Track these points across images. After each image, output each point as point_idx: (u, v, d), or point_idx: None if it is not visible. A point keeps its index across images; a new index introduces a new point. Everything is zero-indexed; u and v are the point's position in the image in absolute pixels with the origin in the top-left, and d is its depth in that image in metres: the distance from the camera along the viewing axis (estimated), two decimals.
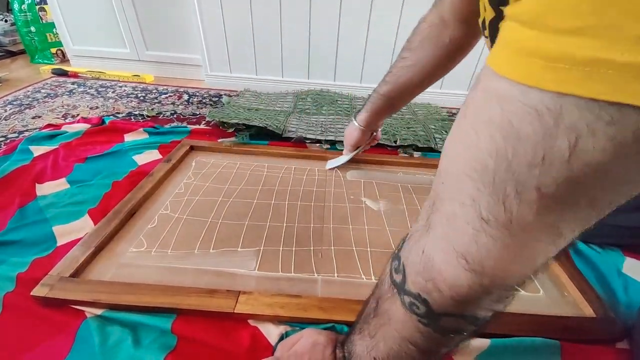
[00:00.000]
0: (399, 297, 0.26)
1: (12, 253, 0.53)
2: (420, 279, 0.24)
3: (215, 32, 1.31)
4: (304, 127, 1.00)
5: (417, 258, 0.24)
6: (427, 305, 0.24)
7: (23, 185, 0.68)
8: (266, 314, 0.45)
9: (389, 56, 1.31)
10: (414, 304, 0.25)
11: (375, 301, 0.29)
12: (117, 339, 0.42)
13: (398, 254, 0.27)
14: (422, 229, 0.25)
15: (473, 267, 0.21)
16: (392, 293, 0.27)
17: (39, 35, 1.53)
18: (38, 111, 1.07)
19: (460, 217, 0.21)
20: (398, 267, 0.26)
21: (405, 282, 0.25)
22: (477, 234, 0.20)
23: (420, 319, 0.25)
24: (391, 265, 0.28)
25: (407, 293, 0.25)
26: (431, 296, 0.23)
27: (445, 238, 0.22)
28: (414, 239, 0.26)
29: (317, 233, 0.63)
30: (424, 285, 0.24)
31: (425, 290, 0.23)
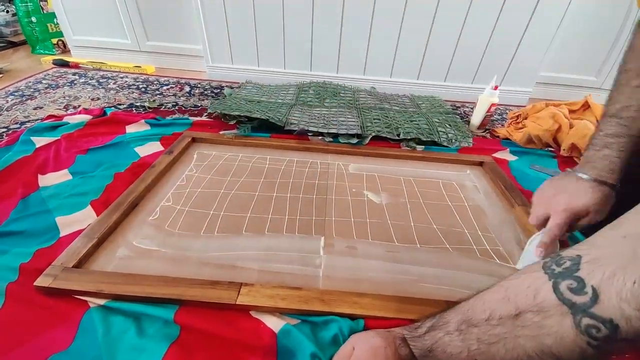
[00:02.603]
0: (572, 317, 0.26)
1: (15, 243, 0.53)
2: (625, 306, 0.24)
3: (217, 23, 1.29)
4: (306, 119, 0.99)
5: (624, 286, 0.24)
6: (616, 330, 0.24)
7: (25, 176, 0.68)
8: (267, 306, 0.45)
9: (392, 48, 1.30)
10: (594, 327, 0.25)
11: (515, 310, 0.29)
12: (121, 329, 0.42)
13: (574, 275, 0.27)
14: (627, 259, 0.25)
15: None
16: (562, 311, 0.27)
17: (40, 25, 1.52)
18: (39, 102, 1.07)
19: None
20: (579, 289, 0.26)
21: (595, 305, 0.25)
22: None
23: (592, 340, 0.25)
24: (555, 282, 0.28)
25: (592, 316, 0.25)
26: (628, 322, 0.24)
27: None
28: (613, 267, 0.26)
29: (318, 226, 0.62)
30: (627, 312, 0.24)
31: (626, 316, 0.24)
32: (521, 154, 0.94)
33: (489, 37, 1.25)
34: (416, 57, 1.32)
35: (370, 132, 0.94)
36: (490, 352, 0.30)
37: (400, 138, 0.94)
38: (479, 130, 1.07)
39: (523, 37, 1.24)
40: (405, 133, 0.95)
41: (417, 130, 0.97)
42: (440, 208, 0.70)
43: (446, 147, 0.94)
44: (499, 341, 0.29)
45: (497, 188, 0.77)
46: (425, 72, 1.35)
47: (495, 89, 1.00)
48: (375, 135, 0.94)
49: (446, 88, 1.37)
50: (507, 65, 1.31)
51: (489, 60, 1.30)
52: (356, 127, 0.96)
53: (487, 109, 1.03)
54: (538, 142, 0.98)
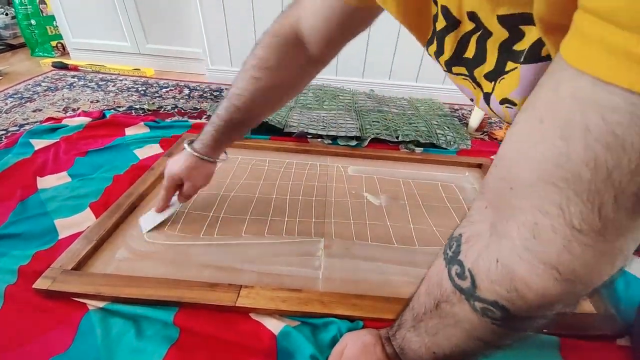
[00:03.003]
0: (469, 303, 0.26)
1: (14, 246, 0.53)
2: (498, 288, 0.24)
3: (217, 26, 1.30)
4: (305, 122, 0.99)
5: (490, 267, 0.24)
6: (506, 312, 0.24)
7: (24, 179, 0.68)
8: (267, 308, 0.45)
9: (391, 51, 1.30)
10: (488, 310, 0.25)
11: (434, 302, 0.29)
12: (120, 331, 0.42)
13: (457, 258, 0.27)
14: (487, 235, 0.25)
15: (566, 277, 0.21)
16: (459, 298, 0.27)
17: (39, 28, 1.52)
18: (39, 104, 1.07)
19: (546, 227, 0.20)
20: (462, 273, 0.26)
21: (476, 289, 0.25)
22: (569, 244, 0.20)
23: (495, 321, 0.25)
24: (448, 268, 0.28)
25: (479, 300, 0.25)
26: (513, 304, 0.23)
27: (529, 250, 0.21)
28: (479, 246, 0.26)
29: (318, 228, 0.63)
30: (504, 294, 0.23)
31: (506, 298, 0.23)
32: None
33: None
34: (415, 59, 1.32)
35: (369, 134, 0.94)
36: (437, 343, 0.30)
37: (399, 140, 0.94)
38: (477, 132, 1.08)
39: None
40: (404, 135, 0.95)
41: (415, 132, 0.98)
42: (439, 210, 0.70)
43: (445, 149, 0.94)
44: (438, 332, 0.30)
45: None
46: (424, 74, 1.36)
47: None
48: (374, 138, 0.94)
49: (444, 91, 1.38)
50: None
51: None
52: (355, 129, 0.96)
53: None
54: None
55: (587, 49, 0.17)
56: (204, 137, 0.55)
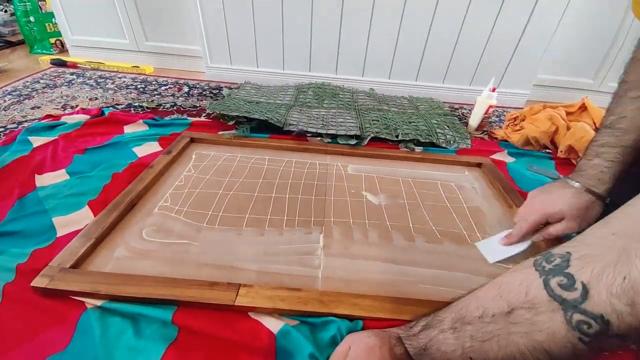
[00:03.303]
0: (563, 313, 0.26)
1: (12, 244, 0.53)
2: (615, 301, 0.24)
3: (216, 24, 1.29)
4: (305, 120, 0.99)
5: (614, 282, 0.25)
6: (607, 325, 0.24)
7: (22, 176, 0.67)
8: (266, 307, 0.45)
9: (391, 50, 1.30)
10: (585, 323, 0.25)
11: (508, 308, 0.30)
12: (118, 330, 0.42)
13: (564, 271, 0.28)
14: (616, 256, 0.25)
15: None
16: (554, 307, 0.27)
17: (38, 25, 1.52)
18: (37, 102, 1.06)
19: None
20: (569, 285, 0.27)
21: (587, 302, 0.26)
22: None
23: (584, 337, 0.25)
24: (545, 279, 0.28)
25: (581, 311, 0.25)
26: (620, 317, 0.24)
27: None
28: (601, 264, 0.26)
29: (317, 226, 0.62)
30: (617, 307, 0.24)
31: (616, 311, 0.24)
32: (519, 156, 0.94)
33: (487, 40, 1.26)
34: (415, 58, 1.32)
35: (369, 133, 0.94)
36: (484, 349, 0.30)
37: (399, 139, 0.94)
38: (477, 131, 1.08)
39: (521, 39, 1.24)
40: (404, 134, 0.95)
41: (415, 131, 0.98)
42: (438, 209, 0.70)
43: (445, 148, 0.94)
44: (492, 338, 0.29)
45: (495, 189, 0.78)
46: (424, 73, 1.35)
47: (493, 91, 1.01)
48: (373, 137, 0.94)
49: (444, 90, 1.38)
50: (505, 68, 1.32)
51: (487, 63, 1.30)
52: (355, 128, 0.96)
53: (485, 110, 1.03)
54: (536, 143, 0.98)
55: None
56: (588, 171, 0.50)
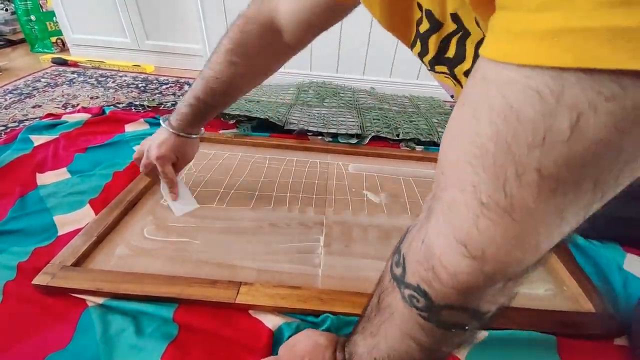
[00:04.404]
0: (399, 291, 0.26)
1: (13, 242, 0.53)
2: (420, 268, 0.23)
3: (217, 22, 1.29)
4: (306, 119, 0.99)
5: (417, 248, 0.24)
6: (427, 297, 0.23)
7: (23, 175, 0.67)
8: (267, 305, 0.45)
9: (392, 49, 1.30)
10: (413, 297, 0.24)
11: (377, 297, 0.29)
12: (119, 328, 0.42)
13: (399, 247, 0.27)
14: (423, 220, 0.25)
15: (473, 253, 0.20)
16: (393, 287, 0.26)
17: (39, 24, 1.52)
18: (38, 100, 1.07)
19: (460, 203, 0.20)
20: (398, 261, 0.26)
21: (405, 274, 0.25)
22: (477, 219, 0.19)
23: (420, 312, 0.24)
24: (392, 259, 0.28)
25: (407, 285, 0.25)
26: (431, 286, 0.23)
27: (445, 224, 0.22)
28: (415, 231, 0.26)
29: (318, 225, 0.62)
30: (424, 275, 0.23)
31: (425, 280, 0.23)
32: None
33: None
34: (415, 58, 1.31)
35: (369, 132, 0.94)
36: (379, 345, 0.28)
37: (400, 138, 0.94)
38: None
39: None
40: (405, 133, 0.95)
41: (416, 130, 0.98)
42: None
43: None
44: (378, 332, 0.29)
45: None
46: (425, 72, 1.35)
47: None
48: (374, 136, 0.94)
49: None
50: None
51: None
52: (356, 127, 0.96)
53: None
54: None
55: (490, 38, 0.18)
56: (182, 117, 0.56)
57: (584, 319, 0.48)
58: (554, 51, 0.15)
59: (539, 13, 0.15)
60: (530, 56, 0.16)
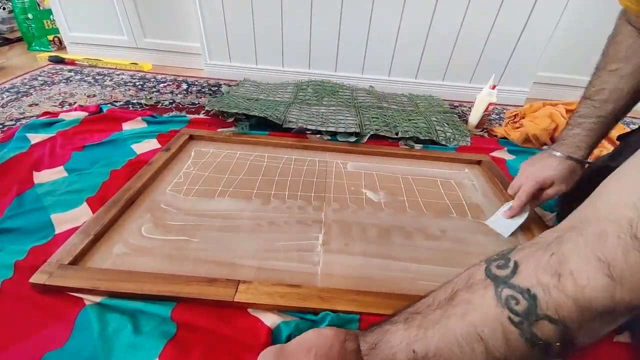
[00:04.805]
0: (494, 289, 0.26)
1: (10, 241, 0.53)
2: (541, 274, 0.24)
3: (215, 20, 1.29)
4: (304, 117, 0.99)
5: (542, 258, 0.25)
6: (534, 301, 0.24)
7: (20, 173, 0.67)
8: (266, 303, 0.45)
9: (391, 47, 1.30)
10: (513, 298, 0.25)
11: (451, 292, 0.29)
12: (117, 326, 0.42)
13: (504, 255, 0.28)
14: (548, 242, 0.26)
15: (613, 274, 0.22)
16: (485, 285, 0.27)
17: (36, 22, 1.51)
18: (35, 99, 1.06)
19: (612, 234, 0.22)
20: (505, 264, 0.27)
21: (515, 276, 0.25)
22: (626, 250, 0.21)
23: (513, 315, 0.24)
24: (490, 263, 0.29)
25: (511, 286, 0.25)
26: (547, 292, 0.24)
27: (589, 246, 0.23)
28: (534, 248, 0.27)
29: (317, 223, 0.62)
30: (543, 280, 0.24)
31: (543, 284, 0.24)
32: (518, 153, 0.94)
33: (487, 37, 1.25)
34: (414, 56, 1.32)
35: (368, 130, 0.94)
36: (427, 338, 0.28)
37: (399, 137, 0.94)
38: (476, 129, 1.08)
39: (521, 37, 1.24)
40: (404, 132, 0.95)
41: (415, 129, 0.98)
42: (438, 206, 0.70)
43: (444, 146, 0.94)
44: (434, 325, 0.28)
45: (494, 186, 0.78)
46: (424, 71, 1.35)
47: (493, 88, 1.01)
48: (373, 134, 0.94)
49: (444, 87, 1.37)
50: (504, 65, 1.31)
51: (487, 60, 1.30)
52: (354, 125, 0.95)
53: (485, 108, 1.03)
54: (535, 141, 0.98)
55: None
56: (569, 140, 0.57)
57: None
58: None
59: None
60: None
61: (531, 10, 1.19)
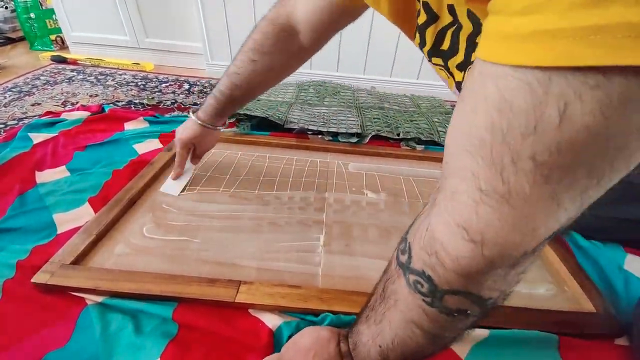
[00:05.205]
0: (404, 277, 0.26)
1: (12, 240, 0.53)
2: (424, 254, 0.25)
3: (217, 20, 1.29)
4: (306, 118, 0.99)
5: (422, 235, 0.25)
6: (431, 282, 0.24)
7: (23, 173, 0.67)
8: (266, 304, 0.45)
9: (392, 48, 1.30)
10: (418, 282, 0.25)
11: (383, 285, 0.30)
12: (118, 326, 0.42)
13: (405, 237, 0.28)
14: (428, 209, 0.26)
15: (473, 237, 0.21)
16: (398, 274, 0.27)
17: (39, 21, 1.52)
18: (37, 98, 1.06)
19: (461, 191, 0.21)
20: (404, 248, 0.27)
21: (411, 260, 0.26)
22: (476, 205, 0.21)
23: (424, 297, 0.25)
24: (398, 248, 0.29)
25: (412, 271, 0.26)
26: (435, 271, 0.24)
27: (447, 211, 0.23)
28: (420, 220, 0.27)
29: (318, 224, 0.62)
30: (428, 260, 0.24)
31: (429, 265, 0.24)
32: None
33: None
34: (416, 56, 1.31)
35: (369, 131, 0.94)
36: (383, 332, 0.29)
37: (400, 137, 0.94)
38: None
39: None
40: (405, 132, 0.95)
41: (417, 129, 0.97)
42: None
43: None
44: (383, 319, 0.29)
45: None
46: (426, 71, 1.35)
47: None
48: (375, 135, 0.94)
49: (446, 88, 1.37)
50: None
51: None
52: (356, 126, 0.95)
53: None
54: None
55: (484, 41, 0.20)
56: (207, 108, 0.63)
57: (585, 319, 0.48)
58: (537, 52, 0.16)
59: (523, 17, 0.16)
60: (517, 57, 0.17)
61: None
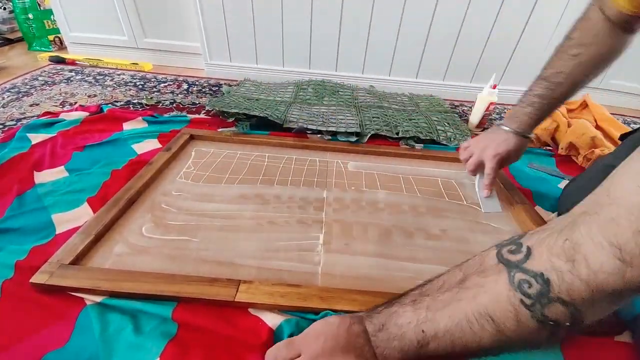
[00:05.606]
0: (507, 273, 0.27)
1: (11, 241, 0.53)
2: (555, 259, 0.25)
3: (215, 20, 1.29)
4: (305, 117, 0.99)
5: (555, 243, 0.26)
6: (547, 285, 0.25)
7: (21, 173, 0.67)
8: (266, 303, 0.45)
9: (391, 47, 1.30)
10: (526, 282, 0.26)
11: (462, 276, 0.30)
12: (118, 326, 0.42)
13: (518, 241, 0.29)
14: (562, 227, 0.27)
15: (624, 257, 0.23)
16: (498, 269, 0.28)
17: (37, 22, 1.51)
18: (36, 99, 1.06)
19: (624, 218, 0.23)
20: (517, 249, 0.28)
21: (527, 260, 0.27)
22: (636, 233, 0.22)
23: (525, 297, 0.26)
24: (501, 248, 0.30)
25: (523, 270, 0.26)
26: (560, 276, 0.25)
27: (602, 231, 0.24)
28: (547, 233, 0.28)
29: (317, 223, 0.62)
30: (557, 265, 0.25)
31: (557, 269, 0.25)
32: None
33: (487, 36, 1.25)
34: (415, 55, 1.31)
35: (369, 130, 0.94)
36: (436, 319, 0.30)
37: (399, 136, 0.94)
38: (477, 129, 1.07)
39: (522, 35, 1.24)
40: (404, 131, 0.95)
41: (416, 128, 0.97)
42: (439, 206, 0.70)
43: (445, 145, 0.94)
44: (444, 307, 0.30)
45: (495, 186, 0.77)
46: (424, 70, 1.35)
47: (494, 87, 1.00)
48: (374, 134, 0.94)
49: (445, 87, 1.37)
50: (506, 64, 1.31)
51: (487, 59, 1.30)
52: (355, 125, 0.95)
53: (485, 107, 1.03)
54: (536, 141, 0.98)
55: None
56: (522, 118, 0.61)
57: None
58: None
59: None
60: None
61: (532, 9, 1.18)
